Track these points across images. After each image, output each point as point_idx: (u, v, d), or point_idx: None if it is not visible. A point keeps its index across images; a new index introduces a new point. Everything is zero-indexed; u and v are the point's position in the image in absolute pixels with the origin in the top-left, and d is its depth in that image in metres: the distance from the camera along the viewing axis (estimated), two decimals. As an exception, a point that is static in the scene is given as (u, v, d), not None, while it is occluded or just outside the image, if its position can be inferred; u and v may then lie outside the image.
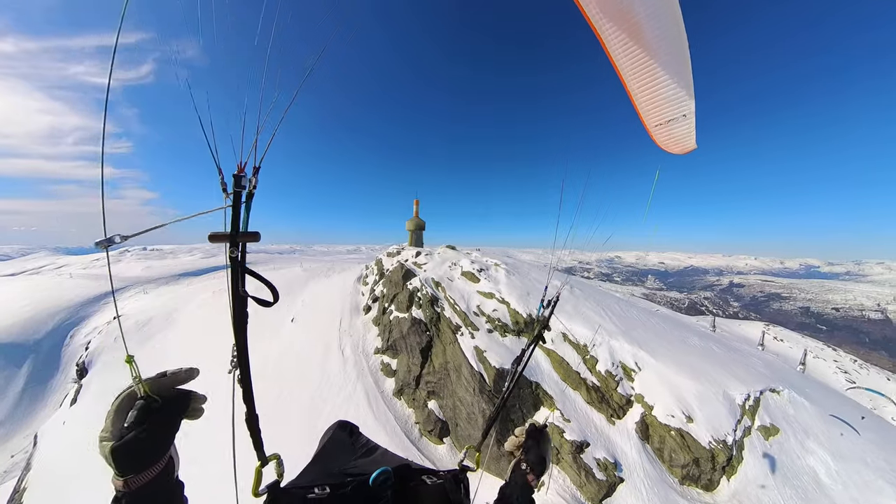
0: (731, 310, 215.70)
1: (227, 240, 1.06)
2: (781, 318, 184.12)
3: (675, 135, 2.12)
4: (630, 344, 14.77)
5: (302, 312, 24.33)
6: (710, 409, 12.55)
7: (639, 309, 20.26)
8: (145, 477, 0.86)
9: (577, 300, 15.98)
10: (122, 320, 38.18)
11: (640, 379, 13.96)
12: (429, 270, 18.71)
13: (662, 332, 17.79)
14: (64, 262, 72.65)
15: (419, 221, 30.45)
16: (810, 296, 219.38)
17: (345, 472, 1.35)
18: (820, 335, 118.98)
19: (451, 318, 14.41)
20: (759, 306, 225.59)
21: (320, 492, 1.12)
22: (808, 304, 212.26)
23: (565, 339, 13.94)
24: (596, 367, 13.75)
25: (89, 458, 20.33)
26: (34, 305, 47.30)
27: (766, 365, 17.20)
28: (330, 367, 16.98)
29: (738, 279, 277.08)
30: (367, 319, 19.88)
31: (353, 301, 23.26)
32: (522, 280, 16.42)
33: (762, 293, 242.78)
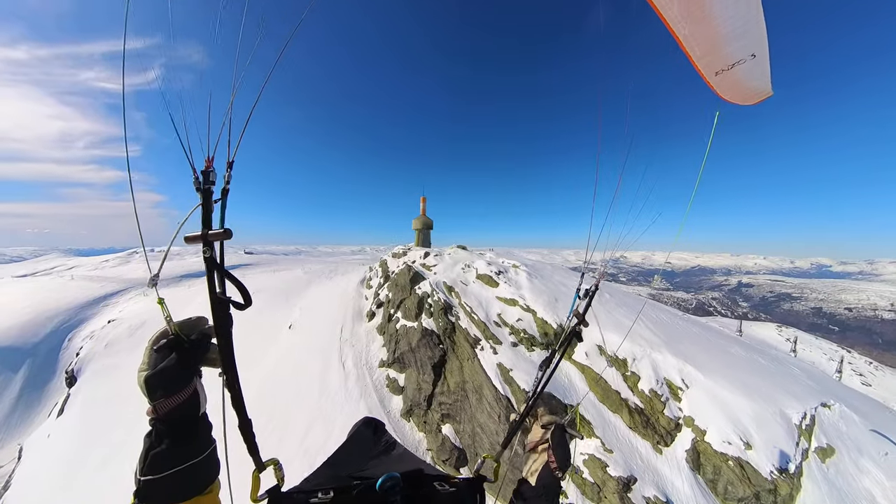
0: (739, 310, 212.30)
1: (200, 240, 1.02)
2: (792, 319, 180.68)
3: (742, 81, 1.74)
4: (675, 357, 12.81)
5: (300, 319, 22.54)
6: (768, 433, 10.71)
7: (669, 313, 18.31)
8: (172, 402, 0.96)
9: (609, 306, 14.04)
10: (115, 325, 36.65)
11: (689, 398, 12.04)
12: (439, 273, 16.83)
13: (702, 340, 15.78)
14: (74, 264, 72.23)
15: (426, 220, 28.52)
16: (822, 296, 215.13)
17: (353, 476, 1.29)
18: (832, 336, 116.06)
19: (467, 329, 12.50)
20: (769, 307, 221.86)
21: (324, 496, 1.10)
22: (819, 305, 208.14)
23: (601, 352, 12.01)
24: (638, 386, 11.83)
25: (74, 476, 18.72)
26: (34, 308, 46.00)
27: (809, 375, 15.27)
28: (330, 381, 15.14)
29: (747, 279, 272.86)
30: (370, 327, 18.04)
31: (355, 306, 21.43)
32: (546, 284, 14.50)
33: (772, 293, 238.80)
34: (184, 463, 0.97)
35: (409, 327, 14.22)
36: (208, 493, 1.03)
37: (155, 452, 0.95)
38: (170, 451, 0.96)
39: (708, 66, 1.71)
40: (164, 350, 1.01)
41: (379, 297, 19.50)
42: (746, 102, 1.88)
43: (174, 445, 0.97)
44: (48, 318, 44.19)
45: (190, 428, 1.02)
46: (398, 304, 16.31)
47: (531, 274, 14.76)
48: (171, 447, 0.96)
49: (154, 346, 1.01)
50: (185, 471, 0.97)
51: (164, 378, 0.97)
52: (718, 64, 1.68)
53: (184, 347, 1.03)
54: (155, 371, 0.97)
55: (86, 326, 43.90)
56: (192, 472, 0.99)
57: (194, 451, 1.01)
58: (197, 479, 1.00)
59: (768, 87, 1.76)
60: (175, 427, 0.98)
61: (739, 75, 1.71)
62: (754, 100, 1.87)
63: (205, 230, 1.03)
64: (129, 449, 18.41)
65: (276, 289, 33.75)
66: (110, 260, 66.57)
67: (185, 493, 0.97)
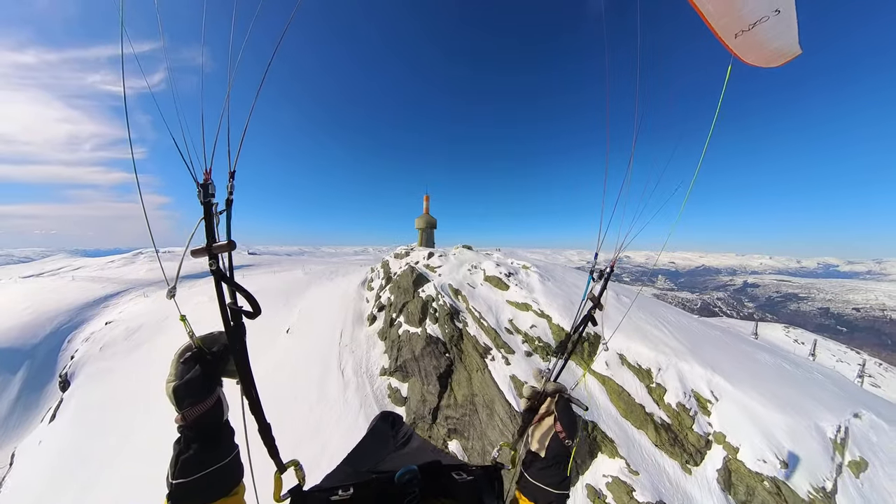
0: (745, 311, 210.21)
1: (205, 254, 1.05)
2: (799, 320, 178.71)
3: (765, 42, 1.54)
4: (702, 367, 11.77)
5: (299, 322, 21.61)
6: (804, 449, 9.78)
7: (686, 316, 17.24)
8: (198, 410, 1.02)
9: (630, 311, 12.99)
10: (112, 327, 35.93)
11: (719, 412, 11.04)
12: (444, 275, 15.83)
13: (725, 346, 14.70)
14: (80, 265, 72.30)
15: (430, 219, 27.48)
16: (829, 296, 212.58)
17: (372, 471, 1.32)
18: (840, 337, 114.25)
19: (476, 336, 11.48)
20: (776, 307, 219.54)
21: (344, 493, 1.12)
22: (827, 305, 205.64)
23: (623, 361, 10.99)
24: (664, 399, 10.80)
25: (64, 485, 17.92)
26: (34, 308, 45.47)
27: (833, 381, 14.22)
28: (328, 389, 14.20)
29: (753, 279, 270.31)
30: (371, 332, 17.07)
31: (355, 309, 20.46)
32: (560, 286, 13.47)
33: (778, 293, 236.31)
34: (211, 466, 1.03)
35: (413, 333, 13.24)
36: (234, 494, 1.09)
37: (184, 458, 1.01)
38: (197, 456, 1.02)
39: (726, 28, 1.55)
40: (190, 362, 1.06)
41: (380, 299, 18.54)
42: (770, 64, 1.71)
43: (201, 451, 1.03)
44: (48, 320, 43.63)
45: (215, 434, 1.08)
46: (400, 307, 15.33)
47: (543, 276, 13.72)
48: (198, 452, 1.02)
49: (180, 359, 1.07)
50: (213, 474, 1.03)
51: (191, 388, 1.02)
52: (738, 24, 1.52)
53: (206, 360, 1.08)
54: (182, 382, 1.02)
55: (86, 327, 43.31)
56: (219, 474, 1.05)
57: (220, 455, 1.07)
58: (223, 481, 1.07)
59: (795, 45, 1.58)
60: (201, 433, 1.04)
61: (762, 35, 1.53)
62: (779, 61, 1.68)
63: (209, 243, 1.05)
64: (122, 457, 17.63)
65: (275, 290, 32.89)
66: (116, 261, 66.37)
67: (213, 495, 1.03)
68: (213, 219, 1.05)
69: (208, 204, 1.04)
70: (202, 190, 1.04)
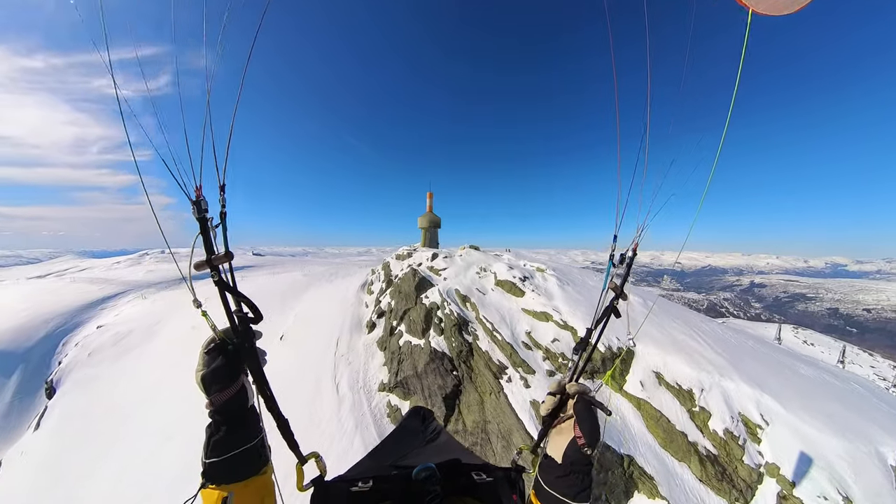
0: (752, 311, 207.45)
1: (206, 267, 1.09)
2: (807, 320, 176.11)
3: None
4: (749, 385, 10.21)
5: (293, 328, 20.19)
6: (867, 480, 8.27)
7: (709, 322, 15.63)
8: (224, 395, 1.10)
9: (661, 319, 11.46)
10: (102, 331, 34.71)
11: (770, 440, 9.49)
12: (450, 279, 14.33)
13: (765, 357, 13.09)
14: (87, 265, 72.14)
15: (433, 217, 25.91)
16: (838, 296, 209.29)
17: (394, 465, 1.35)
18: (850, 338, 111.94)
19: (489, 352, 9.94)
20: (783, 307, 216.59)
21: (364, 485, 1.16)
22: (836, 305, 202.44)
23: (660, 381, 9.45)
24: (709, 425, 9.26)
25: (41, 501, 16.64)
26: (31, 310, 44.39)
27: (875, 395, 12.61)
28: (320, 407, 12.75)
29: (760, 279, 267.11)
30: (370, 340, 15.61)
31: (354, 314, 19.00)
32: (582, 291, 11.93)
33: (786, 293, 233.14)
34: (240, 447, 1.11)
35: (415, 346, 11.76)
36: (263, 473, 1.18)
37: (216, 439, 1.09)
38: (227, 437, 1.10)
39: None
40: (213, 353, 1.13)
41: (380, 304, 17.09)
42: (783, 12, 1.57)
43: (230, 432, 1.11)
44: (43, 322, 42.55)
45: (241, 417, 1.15)
46: (401, 315, 13.86)
47: (562, 280, 12.20)
48: (227, 434, 1.10)
49: (205, 350, 1.14)
50: (242, 454, 1.11)
51: (217, 376, 1.10)
52: None
53: (228, 350, 1.15)
54: (209, 370, 1.10)
55: (81, 330, 42.22)
56: (248, 454, 1.13)
57: (247, 436, 1.14)
58: (252, 460, 1.15)
59: None
60: (229, 417, 1.12)
61: None
62: (793, 7, 1.57)
63: (208, 256, 1.09)
64: (101, 472, 16.35)
65: (271, 293, 31.53)
66: (122, 262, 64.88)
67: (244, 472, 1.12)
68: (209, 233, 1.09)
69: (202, 220, 1.08)
70: (195, 206, 1.07)
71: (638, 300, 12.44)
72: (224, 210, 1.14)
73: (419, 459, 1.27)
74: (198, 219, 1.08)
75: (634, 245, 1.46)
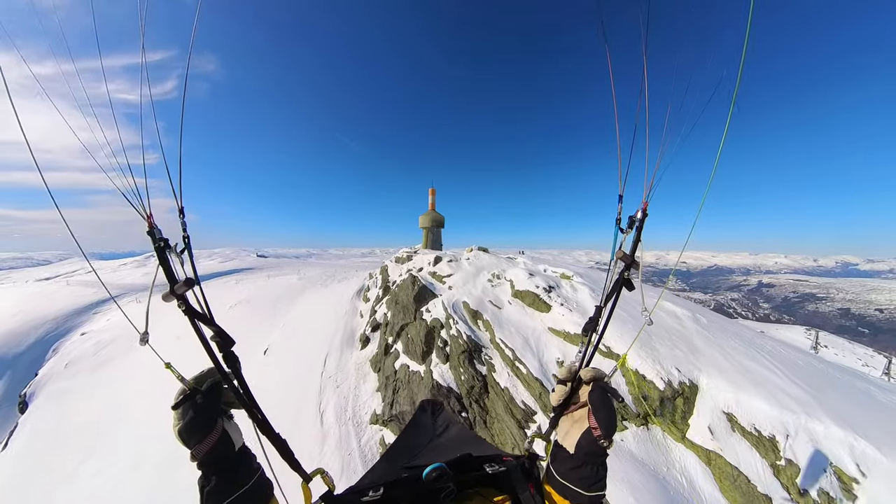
0: (761, 312, 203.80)
1: (171, 298, 1.03)
2: (818, 321, 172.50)
3: None
4: (840, 426, 7.87)
5: (279, 341, 18.06)
6: None
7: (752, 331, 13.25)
8: (205, 445, 1.04)
9: (718, 338, 9.18)
10: (84, 339, 32.79)
11: (869, 496, 7.16)
12: (457, 287, 12.07)
13: (840, 383, 10.69)
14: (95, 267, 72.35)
15: (436, 216, 23.64)
16: (850, 296, 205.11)
17: (406, 466, 1.32)
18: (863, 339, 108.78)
19: (510, 389, 7.55)
20: (792, 308, 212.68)
21: (374, 494, 1.12)
22: (847, 306, 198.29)
23: (734, 425, 7.18)
24: (797, 483, 6.98)
25: None
26: (23, 315, 42.96)
27: None
28: (300, 442, 10.58)
29: (768, 279, 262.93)
30: (362, 358, 13.42)
31: (347, 326, 16.83)
32: (622, 304, 9.59)
33: (795, 293, 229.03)
34: (233, 494, 1.04)
35: (413, 372, 9.56)
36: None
37: (208, 490, 1.04)
38: (220, 487, 1.04)
39: None
40: (184, 404, 1.06)
41: (376, 315, 14.90)
42: None
43: (222, 481, 1.05)
44: (34, 327, 41.00)
45: (230, 462, 1.09)
46: (398, 330, 11.66)
47: (595, 290, 9.88)
48: (219, 483, 1.05)
49: (176, 404, 1.07)
50: (237, 500, 1.04)
51: (192, 428, 1.04)
52: None
53: (199, 400, 1.08)
54: (183, 424, 1.03)
55: (72, 335, 40.78)
56: (244, 499, 1.06)
57: (241, 480, 1.08)
58: (252, 502, 1.09)
59: None
60: (218, 465, 1.06)
61: None
62: None
63: (171, 286, 1.02)
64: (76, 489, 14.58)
65: (263, 298, 29.51)
66: (128, 263, 65.99)
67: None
68: (167, 261, 1.03)
69: (159, 249, 1.03)
70: (150, 237, 1.03)
71: (686, 313, 10.15)
72: (186, 234, 1.10)
73: (430, 457, 1.26)
74: (155, 248, 1.03)
75: (644, 205, 1.17)
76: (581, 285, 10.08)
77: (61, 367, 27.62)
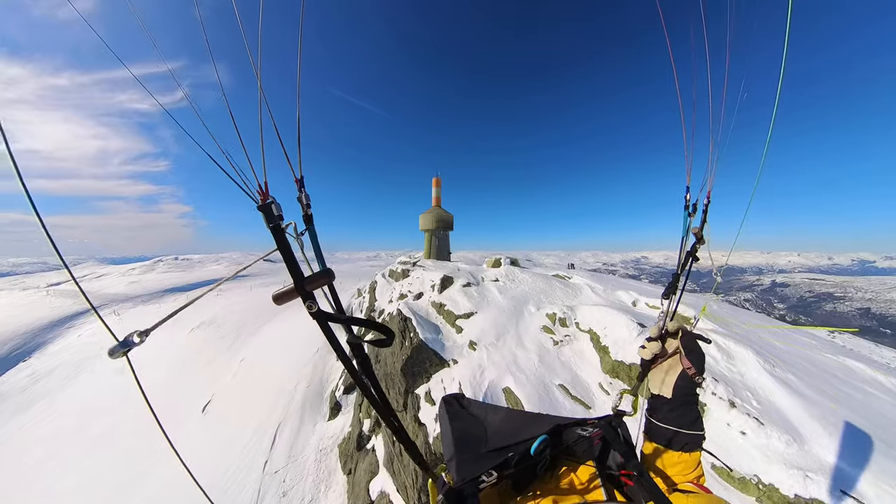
0: (776, 313, 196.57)
1: (294, 296, 0.76)
2: (837, 322, 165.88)
3: None
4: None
5: (225, 394, 12.89)
6: None
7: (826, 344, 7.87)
8: None
9: None
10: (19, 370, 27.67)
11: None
12: (485, 343, 6.49)
13: None
14: (105, 271, 68.95)
15: (442, 214, 18.24)
16: (869, 295, 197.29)
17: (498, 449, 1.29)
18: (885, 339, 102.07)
19: None
20: (809, 308, 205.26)
21: (489, 478, 1.11)
22: (867, 305, 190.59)
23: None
24: None
25: None
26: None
27: None
28: None
29: (782, 278, 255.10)
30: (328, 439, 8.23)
31: (315, 375, 11.67)
32: (822, 379, 4.19)
33: (811, 293, 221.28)
34: None
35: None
36: None
37: None
38: None
39: None
40: None
41: (352, 365, 9.73)
42: None
43: None
44: (1, 343, 36.54)
45: None
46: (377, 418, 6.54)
47: (764, 357, 4.58)
48: None
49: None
50: None
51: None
52: None
53: None
54: None
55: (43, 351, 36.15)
56: None
57: None
58: None
59: None
60: None
61: None
62: None
63: (296, 281, 0.75)
64: None
65: (230, 319, 24.48)
66: (136, 268, 64.71)
67: None
68: (289, 248, 0.77)
69: (276, 229, 0.77)
70: (264, 213, 0.78)
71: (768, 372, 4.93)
72: (310, 212, 0.90)
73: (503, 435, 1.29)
74: (271, 229, 0.77)
75: (708, 192, 1.46)
76: (744, 349, 4.78)
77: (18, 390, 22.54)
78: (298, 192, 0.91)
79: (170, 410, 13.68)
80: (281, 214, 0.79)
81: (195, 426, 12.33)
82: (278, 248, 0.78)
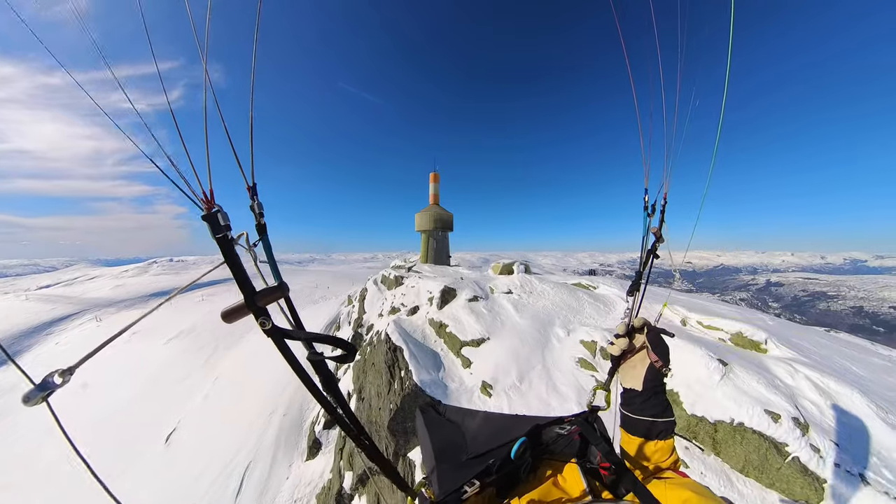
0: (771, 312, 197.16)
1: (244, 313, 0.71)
2: (830, 320, 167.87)
3: None
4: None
5: (196, 416, 11.27)
6: None
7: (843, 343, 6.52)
8: None
9: None
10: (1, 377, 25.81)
11: None
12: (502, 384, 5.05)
13: None
14: (97, 273, 67.58)
15: (441, 213, 16.66)
16: (862, 293, 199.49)
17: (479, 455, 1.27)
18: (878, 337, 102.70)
19: None
20: (803, 307, 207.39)
21: (471, 488, 1.10)
22: (860, 304, 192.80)
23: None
24: None
25: None
26: None
27: None
28: None
29: (776, 277, 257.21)
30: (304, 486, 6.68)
31: (293, 402, 10.07)
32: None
33: (805, 292, 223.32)
34: None
35: None
36: None
37: None
38: None
39: None
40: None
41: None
42: None
43: None
44: None
45: None
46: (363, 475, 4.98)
47: None
48: None
49: None
50: None
51: None
52: None
53: None
54: None
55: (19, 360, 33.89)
56: None
57: None
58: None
59: None
60: None
61: None
62: None
63: (247, 296, 0.69)
64: None
65: (209, 329, 22.77)
66: (129, 270, 63.31)
67: None
68: (236, 258, 0.70)
69: (223, 240, 0.70)
70: (209, 224, 0.70)
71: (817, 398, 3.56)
72: (262, 221, 0.84)
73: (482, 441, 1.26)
74: (217, 240, 0.70)
75: (665, 193, 1.50)
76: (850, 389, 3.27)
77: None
78: (251, 201, 0.84)
79: (130, 439, 12.01)
80: (228, 224, 0.72)
81: (157, 459, 10.71)
82: (226, 262, 0.72)
